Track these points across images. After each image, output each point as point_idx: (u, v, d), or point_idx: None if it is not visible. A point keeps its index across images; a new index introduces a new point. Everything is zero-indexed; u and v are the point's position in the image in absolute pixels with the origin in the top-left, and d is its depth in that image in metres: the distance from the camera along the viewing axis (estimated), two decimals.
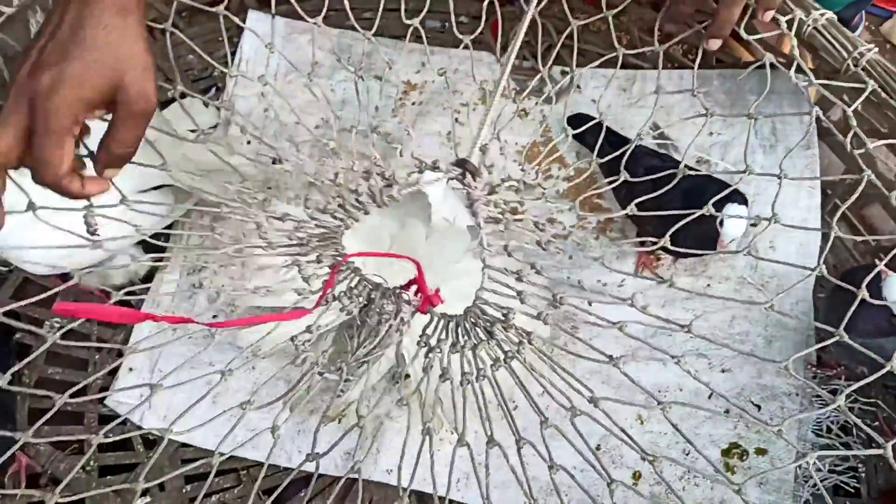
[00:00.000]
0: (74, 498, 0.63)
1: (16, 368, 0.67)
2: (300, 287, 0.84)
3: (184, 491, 0.98)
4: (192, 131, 0.87)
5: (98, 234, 0.70)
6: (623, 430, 0.69)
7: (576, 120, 1.00)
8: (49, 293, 0.72)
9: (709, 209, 0.81)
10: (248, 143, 1.01)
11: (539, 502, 0.69)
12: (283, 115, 1.10)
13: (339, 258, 0.82)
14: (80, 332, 1.05)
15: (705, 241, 0.84)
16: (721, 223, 0.83)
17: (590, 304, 0.84)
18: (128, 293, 0.79)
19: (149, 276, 1.07)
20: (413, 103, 1.17)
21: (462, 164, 0.81)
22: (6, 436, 0.87)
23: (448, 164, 0.81)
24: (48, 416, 0.68)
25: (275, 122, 1.11)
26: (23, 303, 0.70)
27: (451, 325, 0.80)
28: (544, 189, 0.97)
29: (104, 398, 1.00)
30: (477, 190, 0.81)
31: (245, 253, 0.84)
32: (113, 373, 1.01)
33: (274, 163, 0.92)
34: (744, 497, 0.63)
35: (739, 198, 0.84)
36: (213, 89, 1.21)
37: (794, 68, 0.85)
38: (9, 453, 0.69)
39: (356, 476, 0.70)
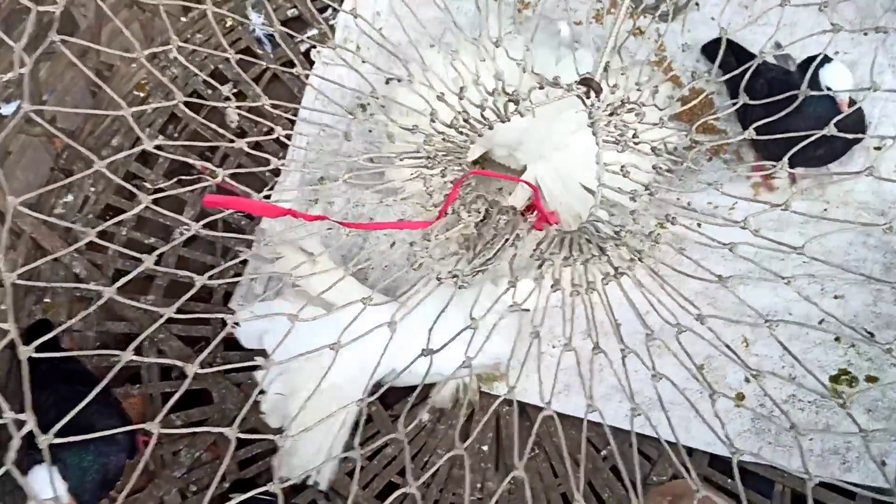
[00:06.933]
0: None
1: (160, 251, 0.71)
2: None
3: None
4: None
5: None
6: (728, 346, 0.69)
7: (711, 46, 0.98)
8: None
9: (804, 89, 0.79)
10: (364, 61, 1.02)
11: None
12: (395, 35, 1.09)
13: (463, 173, 0.84)
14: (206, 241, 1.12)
15: (828, 156, 0.82)
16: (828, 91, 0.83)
17: (699, 225, 0.83)
18: None
19: None
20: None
21: (586, 82, 0.80)
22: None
23: (573, 82, 0.80)
24: (188, 295, 0.69)
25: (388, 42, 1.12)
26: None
27: (565, 240, 0.82)
28: (661, 109, 0.95)
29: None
30: (599, 110, 0.80)
31: (373, 162, 0.86)
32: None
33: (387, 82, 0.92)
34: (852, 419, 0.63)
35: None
36: (330, 9, 1.23)
37: None
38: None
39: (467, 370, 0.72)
